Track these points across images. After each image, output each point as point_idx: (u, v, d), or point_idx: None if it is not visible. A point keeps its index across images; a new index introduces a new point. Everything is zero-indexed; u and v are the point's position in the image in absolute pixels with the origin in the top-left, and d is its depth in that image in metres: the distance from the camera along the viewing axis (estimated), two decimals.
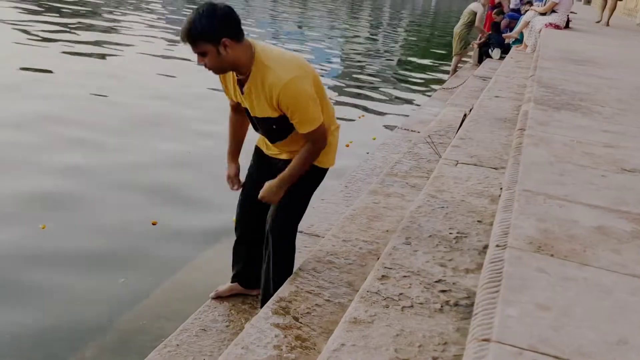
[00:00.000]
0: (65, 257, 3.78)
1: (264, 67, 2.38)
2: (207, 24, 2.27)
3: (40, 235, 3.98)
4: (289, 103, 2.38)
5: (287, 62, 2.43)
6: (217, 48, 2.30)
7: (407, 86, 11.80)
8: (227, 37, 2.30)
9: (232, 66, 2.41)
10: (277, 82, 2.35)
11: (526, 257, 1.65)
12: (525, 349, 1.20)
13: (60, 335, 3.01)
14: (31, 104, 6.74)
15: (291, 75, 2.36)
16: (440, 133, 5.27)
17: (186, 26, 2.30)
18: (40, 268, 3.61)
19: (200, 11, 2.30)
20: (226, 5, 2.36)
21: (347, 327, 1.78)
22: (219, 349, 2.57)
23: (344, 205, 4.12)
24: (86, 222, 4.25)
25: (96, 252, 3.86)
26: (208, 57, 2.33)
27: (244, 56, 2.37)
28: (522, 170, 2.44)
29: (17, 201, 4.43)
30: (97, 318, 3.16)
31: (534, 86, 4.61)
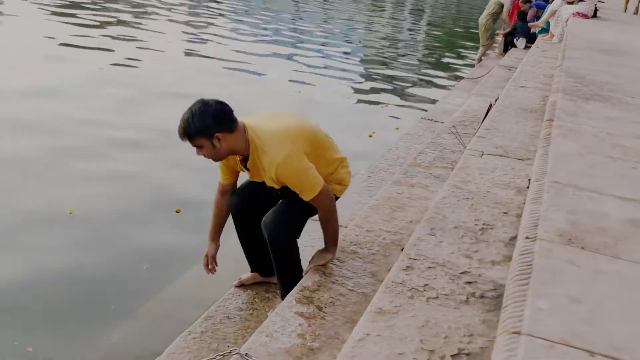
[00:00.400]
0: (90, 242, 3.83)
1: (258, 150, 2.59)
2: (200, 122, 2.49)
3: (68, 220, 4.04)
4: (287, 179, 2.59)
5: (277, 141, 2.60)
6: (212, 142, 2.53)
7: (431, 76, 11.69)
8: (219, 132, 2.51)
9: (229, 153, 2.62)
10: (272, 162, 2.55)
11: (556, 249, 1.62)
12: (557, 342, 1.18)
13: (86, 320, 3.06)
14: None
15: (283, 154, 2.55)
16: (464, 123, 5.21)
17: (182, 125, 2.53)
18: (66, 253, 3.67)
19: (194, 110, 2.52)
20: (217, 101, 2.57)
21: (372, 317, 1.77)
22: (242, 336, 2.59)
23: (367, 195, 4.10)
24: (112, 208, 4.31)
25: (121, 238, 3.91)
26: (205, 150, 2.56)
27: (237, 144, 2.58)
28: (551, 161, 2.40)
29: (49, 187, 4.51)
30: (123, 304, 3.20)
31: (561, 76, 4.53)
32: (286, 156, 2.54)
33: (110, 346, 2.88)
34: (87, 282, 3.39)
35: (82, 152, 5.33)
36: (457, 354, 1.58)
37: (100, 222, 4.11)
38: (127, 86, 7.61)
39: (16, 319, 3.03)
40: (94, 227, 4.02)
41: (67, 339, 2.92)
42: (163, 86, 7.82)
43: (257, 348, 2.21)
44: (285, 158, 2.54)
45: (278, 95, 8.43)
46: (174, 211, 4.32)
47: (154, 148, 5.58)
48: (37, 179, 4.66)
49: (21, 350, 2.81)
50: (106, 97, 7.07)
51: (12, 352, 2.80)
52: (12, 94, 6.70)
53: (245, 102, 7.23)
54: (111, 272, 3.50)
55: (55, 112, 6.30)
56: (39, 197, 4.34)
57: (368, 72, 11.57)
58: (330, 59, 12.02)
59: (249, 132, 2.61)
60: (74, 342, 2.89)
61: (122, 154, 5.41)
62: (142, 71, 8.69)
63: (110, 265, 3.58)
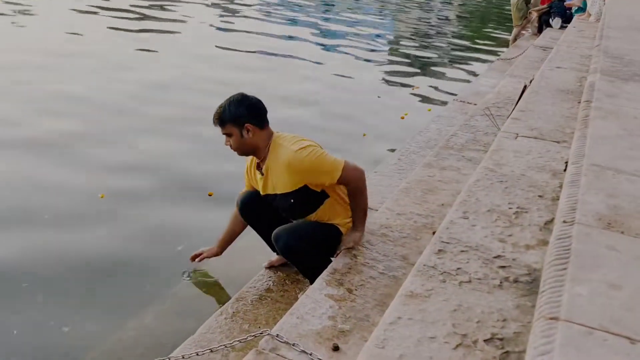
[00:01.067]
0: (123, 224, 3.89)
1: (277, 146, 2.73)
2: (235, 110, 2.69)
3: (99, 204, 4.11)
4: (306, 166, 2.65)
5: (297, 139, 2.74)
6: (241, 131, 2.69)
7: (463, 57, 11.49)
8: (250, 123, 2.69)
9: (252, 148, 2.76)
10: (288, 153, 2.66)
11: (595, 233, 1.57)
12: (596, 328, 1.15)
13: (120, 300, 3.12)
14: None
15: (299, 146, 2.67)
16: (498, 105, 5.10)
17: (218, 111, 2.72)
18: (99, 235, 3.74)
19: (231, 99, 2.73)
20: (255, 97, 2.78)
21: (404, 300, 1.76)
22: (273, 317, 2.61)
23: (397, 178, 4.06)
24: (144, 192, 4.36)
25: (155, 221, 3.96)
26: (233, 139, 2.72)
27: (263, 141, 2.74)
28: (589, 143, 2.33)
29: (79, 170, 4.59)
30: (157, 285, 3.25)
31: (600, 56, 4.39)
32: (302, 147, 2.65)
33: (143, 326, 2.93)
34: (122, 264, 3.45)
35: (112, 137, 5.41)
36: (490, 338, 1.56)
37: (132, 205, 4.16)
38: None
39: (52, 299, 3.10)
40: (126, 210, 4.08)
41: (102, 319, 2.98)
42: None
43: (288, 329, 2.22)
44: (300, 148, 2.65)
45: (306, 77, 8.39)
46: (206, 194, 4.35)
47: (187, 135, 5.63)
48: (69, 163, 4.75)
49: (57, 330, 2.88)
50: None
51: (49, 332, 2.87)
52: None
53: (272, 87, 7.24)
54: (146, 254, 3.55)
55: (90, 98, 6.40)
56: (70, 180, 4.42)
57: (399, 54, 11.43)
58: (361, 41, 11.91)
59: (275, 136, 2.76)
60: (108, 322, 2.95)
61: (154, 139, 5.47)
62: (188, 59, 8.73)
63: (145, 248, 3.63)
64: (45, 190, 4.23)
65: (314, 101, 7.16)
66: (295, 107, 6.70)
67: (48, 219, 3.87)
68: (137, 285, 3.25)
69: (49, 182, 4.36)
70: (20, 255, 3.43)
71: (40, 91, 6.37)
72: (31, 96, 6.16)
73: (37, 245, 3.55)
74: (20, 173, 4.46)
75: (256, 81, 7.46)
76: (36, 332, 2.87)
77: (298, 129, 5.54)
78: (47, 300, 3.09)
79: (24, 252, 3.46)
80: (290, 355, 2.10)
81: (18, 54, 7.79)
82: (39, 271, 3.31)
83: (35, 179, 4.37)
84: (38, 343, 2.80)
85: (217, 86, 6.71)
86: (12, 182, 4.31)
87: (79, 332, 2.88)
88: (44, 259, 3.42)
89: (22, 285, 3.18)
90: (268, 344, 2.15)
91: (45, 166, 4.63)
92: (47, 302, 3.08)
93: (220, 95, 2.96)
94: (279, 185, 2.75)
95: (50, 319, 2.95)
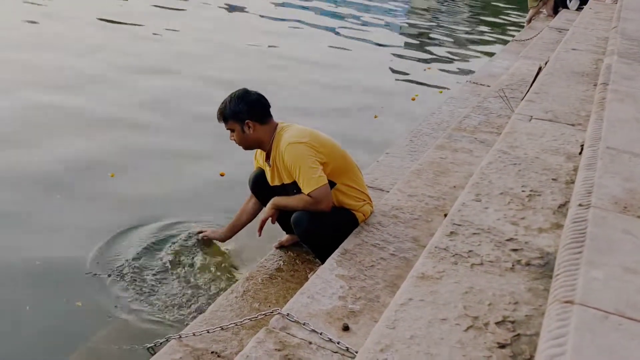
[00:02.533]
0: (132, 202, 3.90)
1: (279, 136, 2.77)
2: (235, 106, 2.76)
3: (110, 183, 4.13)
4: (292, 163, 2.66)
5: (299, 131, 2.76)
6: (242, 127, 2.76)
7: (477, 39, 11.35)
8: (250, 119, 2.75)
9: (255, 143, 2.84)
10: (283, 144, 2.70)
11: (611, 217, 1.55)
12: (612, 312, 1.14)
13: (129, 278, 3.13)
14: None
15: (296, 140, 2.69)
16: (512, 87, 5.04)
17: (220, 107, 2.81)
18: (109, 212, 3.76)
19: (233, 95, 2.80)
20: (258, 93, 2.84)
21: (415, 282, 1.75)
22: (284, 297, 2.62)
23: (409, 159, 4.04)
24: (154, 172, 4.36)
25: (166, 202, 3.96)
26: (235, 134, 2.80)
27: (265, 136, 2.79)
28: (605, 126, 2.30)
29: (90, 152, 4.61)
30: (167, 263, 3.26)
31: (617, 38, 4.32)
32: (299, 141, 2.67)
33: (154, 303, 2.95)
34: (133, 243, 3.47)
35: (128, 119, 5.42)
36: (502, 321, 1.55)
37: (141, 184, 4.17)
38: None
39: (65, 277, 3.12)
40: (135, 190, 4.09)
41: (114, 295, 3.00)
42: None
43: (298, 309, 2.23)
44: (297, 141, 2.67)
45: (314, 62, 8.32)
46: (218, 175, 4.35)
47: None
48: (81, 139, 4.77)
49: (71, 305, 2.92)
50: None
51: (63, 307, 2.91)
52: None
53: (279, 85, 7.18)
54: (156, 233, 3.56)
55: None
56: (81, 157, 4.44)
57: (412, 34, 11.32)
58: (374, 22, 11.80)
59: (279, 127, 2.78)
60: (120, 298, 2.97)
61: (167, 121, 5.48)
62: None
63: (157, 227, 3.63)
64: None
65: (321, 82, 7.11)
66: (301, 87, 6.66)
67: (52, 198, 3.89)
68: (145, 264, 3.26)
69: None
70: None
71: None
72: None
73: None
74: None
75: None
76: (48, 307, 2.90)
77: (305, 111, 5.55)
78: (60, 279, 3.12)
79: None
80: (301, 335, 2.11)
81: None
82: (51, 252, 3.34)
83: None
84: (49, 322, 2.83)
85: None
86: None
87: (92, 307, 2.91)
88: (60, 245, 3.45)
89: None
90: (278, 322, 2.17)
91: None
92: (60, 280, 3.11)
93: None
94: (283, 175, 2.79)
95: (63, 296, 2.98)
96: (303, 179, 2.64)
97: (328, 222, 2.70)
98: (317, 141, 2.73)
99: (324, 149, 2.72)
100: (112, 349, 2.64)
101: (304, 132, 2.75)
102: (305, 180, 2.64)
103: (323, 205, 2.66)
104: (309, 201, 2.66)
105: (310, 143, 2.69)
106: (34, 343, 2.68)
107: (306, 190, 2.64)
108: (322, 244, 2.75)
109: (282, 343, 2.07)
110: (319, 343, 2.08)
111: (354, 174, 2.86)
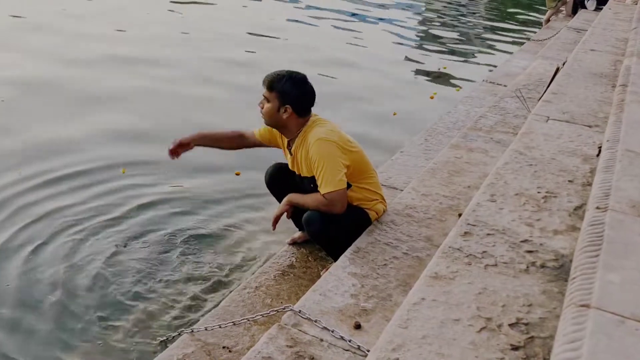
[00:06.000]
0: (146, 197, 3.93)
1: (309, 129, 2.72)
2: (290, 86, 2.69)
3: (121, 178, 4.17)
4: (317, 158, 2.62)
5: (331, 129, 2.72)
6: (279, 107, 2.69)
7: (494, 38, 11.27)
8: (291, 106, 2.69)
9: (279, 125, 2.78)
10: (312, 137, 2.67)
11: (629, 221, 1.53)
12: (629, 317, 1.13)
13: (141, 274, 3.15)
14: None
15: (326, 136, 2.65)
16: (529, 87, 5.00)
17: (275, 74, 2.72)
18: (125, 205, 3.79)
19: (293, 75, 2.73)
20: (312, 87, 2.77)
21: (428, 281, 1.75)
22: (296, 293, 2.62)
23: (424, 158, 4.02)
24: (165, 174, 4.37)
25: (180, 198, 3.98)
26: (268, 106, 2.72)
27: (294, 126, 2.75)
28: (624, 128, 2.27)
29: (104, 134, 4.64)
30: (182, 257, 3.28)
31: (637, 39, 4.27)
32: (329, 138, 2.65)
33: (167, 297, 2.97)
34: (146, 237, 3.49)
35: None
36: (515, 323, 1.54)
37: (153, 178, 4.19)
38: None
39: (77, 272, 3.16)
40: (147, 185, 4.11)
41: (127, 290, 3.03)
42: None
43: (310, 306, 2.23)
44: (327, 138, 2.64)
45: (331, 60, 8.31)
46: (234, 174, 4.36)
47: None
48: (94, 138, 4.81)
49: (84, 298, 2.94)
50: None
51: (77, 300, 2.93)
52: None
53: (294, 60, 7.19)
54: (170, 229, 3.58)
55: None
56: (93, 156, 4.48)
57: (429, 34, 11.26)
58: (391, 20, 11.75)
59: (311, 121, 2.75)
60: (133, 293, 3.00)
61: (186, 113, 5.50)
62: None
63: (169, 224, 3.64)
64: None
65: (341, 81, 7.10)
66: (323, 86, 6.65)
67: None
68: (161, 257, 3.29)
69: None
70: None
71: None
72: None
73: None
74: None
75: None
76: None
77: (329, 109, 5.53)
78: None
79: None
80: (312, 332, 2.12)
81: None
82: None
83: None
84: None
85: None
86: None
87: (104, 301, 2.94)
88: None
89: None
90: (290, 319, 2.17)
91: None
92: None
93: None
94: (303, 167, 2.76)
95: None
96: (323, 178, 2.62)
97: (340, 223, 2.68)
98: (344, 142, 2.71)
99: (349, 151, 2.71)
100: (126, 341, 2.66)
101: (333, 132, 2.73)
102: (325, 179, 2.62)
103: (336, 209, 2.65)
104: (323, 202, 2.64)
105: (338, 143, 2.67)
106: (47, 335, 2.71)
107: (323, 190, 2.63)
108: (334, 242, 2.74)
109: (293, 340, 2.07)
110: (330, 341, 2.08)
111: (369, 175, 2.84)
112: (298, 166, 2.80)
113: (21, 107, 5.19)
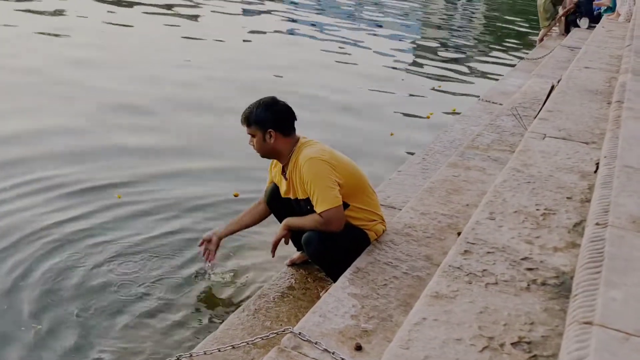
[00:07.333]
0: (141, 222, 3.90)
1: (299, 151, 2.74)
2: (262, 113, 2.72)
3: (117, 203, 4.15)
4: (309, 178, 2.63)
5: (320, 148, 2.74)
6: (264, 135, 2.71)
7: (488, 57, 11.37)
8: (273, 129, 2.70)
9: (273, 153, 2.79)
10: (303, 158, 2.67)
11: (629, 236, 1.53)
12: (632, 334, 1.11)
13: (136, 298, 3.12)
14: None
15: (317, 155, 2.66)
16: (524, 105, 5.03)
17: (246, 111, 2.76)
18: (120, 230, 3.77)
19: (262, 101, 2.76)
20: (285, 104, 2.79)
21: (429, 301, 1.73)
22: (295, 315, 2.60)
23: (421, 177, 4.02)
24: (163, 193, 4.36)
25: (175, 223, 3.96)
26: (255, 140, 2.75)
27: (285, 148, 2.75)
28: (621, 144, 2.28)
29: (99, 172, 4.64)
30: (179, 281, 3.26)
31: (631, 56, 4.31)
32: (320, 157, 2.65)
33: (166, 320, 2.94)
34: (145, 258, 3.47)
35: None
36: (518, 342, 1.53)
37: (151, 205, 4.17)
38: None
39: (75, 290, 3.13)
40: (144, 210, 4.09)
41: (125, 312, 3.00)
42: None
43: (310, 328, 2.21)
44: (318, 157, 2.65)
45: (328, 69, 8.37)
46: (232, 195, 4.34)
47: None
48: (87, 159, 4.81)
49: (76, 320, 2.91)
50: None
51: (69, 323, 2.91)
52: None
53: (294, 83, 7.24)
54: (166, 253, 3.55)
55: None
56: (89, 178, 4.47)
57: (424, 53, 11.35)
58: (387, 38, 11.86)
59: (301, 142, 2.76)
60: (130, 315, 2.97)
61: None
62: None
63: (166, 247, 3.62)
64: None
65: (338, 101, 7.13)
66: (320, 106, 6.69)
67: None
68: (160, 273, 3.26)
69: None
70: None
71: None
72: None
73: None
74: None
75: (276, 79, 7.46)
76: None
77: (323, 128, 5.56)
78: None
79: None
80: (313, 354, 2.09)
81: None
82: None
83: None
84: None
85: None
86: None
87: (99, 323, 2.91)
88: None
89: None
90: (290, 341, 2.15)
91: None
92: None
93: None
94: (299, 190, 2.76)
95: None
96: (318, 197, 2.62)
97: (339, 242, 2.67)
98: (336, 160, 2.71)
99: (342, 169, 2.70)
100: None
101: (324, 150, 2.73)
102: (319, 198, 2.62)
103: (334, 227, 2.64)
104: (320, 221, 2.64)
105: (329, 162, 2.67)
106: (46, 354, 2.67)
107: (319, 209, 2.62)
108: (333, 263, 2.73)
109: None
110: None
111: (367, 195, 2.83)
112: (294, 190, 2.79)
113: None
